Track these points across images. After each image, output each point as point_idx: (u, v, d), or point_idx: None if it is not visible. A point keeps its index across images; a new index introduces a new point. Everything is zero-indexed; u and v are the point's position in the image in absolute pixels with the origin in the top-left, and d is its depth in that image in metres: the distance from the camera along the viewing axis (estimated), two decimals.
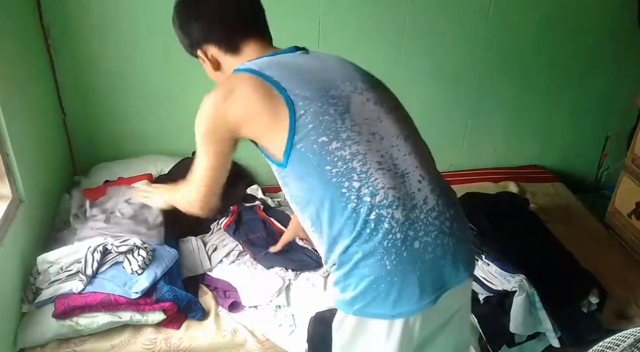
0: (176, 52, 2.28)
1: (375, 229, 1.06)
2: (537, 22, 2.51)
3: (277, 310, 1.81)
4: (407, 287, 1.08)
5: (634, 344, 0.89)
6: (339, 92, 1.11)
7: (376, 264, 1.07)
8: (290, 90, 1.09)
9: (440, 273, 1.11)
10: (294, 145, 1.07)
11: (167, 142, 2.49)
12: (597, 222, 2.41)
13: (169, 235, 2.02)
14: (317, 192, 1.09)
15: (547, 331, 1.75)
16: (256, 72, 1.11)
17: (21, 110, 1.87)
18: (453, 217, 1.14)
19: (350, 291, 1.11)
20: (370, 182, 1.06)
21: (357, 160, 1.07)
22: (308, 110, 1.07)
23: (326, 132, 1.07)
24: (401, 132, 1.13)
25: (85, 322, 1.66)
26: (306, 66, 1.15)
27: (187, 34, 1.26)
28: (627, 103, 2.72)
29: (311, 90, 1.09)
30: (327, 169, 1.07)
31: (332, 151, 1.07)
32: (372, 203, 1.06)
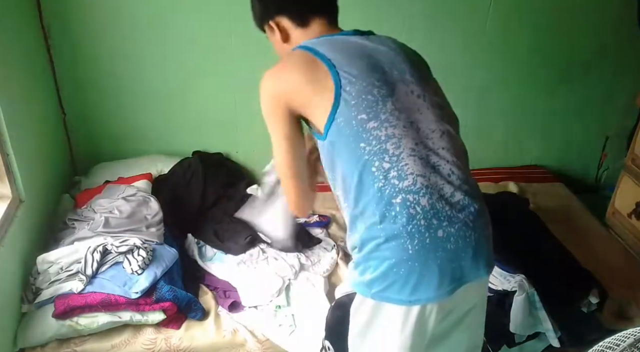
0: (176, 52, 2.30)
1: (399, 212, 1.08)
2: (537, 22, 2.51)
3: (277, 310, 1.81)
4: (426, 273, 1.09)
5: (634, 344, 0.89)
6: (385, 77, 1.15)
7: (398, 248, 1.09)
8: (339, 66, 1.12)
9: (460, 265, 1.12)
10: (335, 118, 1.11)
11: (167, 142, 2.49)
12: (597, 222, 2.41)
13: (169, 232, 2.02)
14: (349, 166, 1.12)
15: (547, 331, 1.75)
16: (308, 48, 1.17)
17: (21, 111, 1.87)
18: (478, 213, 1.15)
19: (369, 273, 1.12)
20: (400, 166, 1.09)
21: (392, 142, 1.10)
22: (353, 87, 1.11)
23: (366, 110, 1.10)
24: (438, 128, 1.16)
25: (85, 322, 1.66)
26: (360, 48, 1.19)
27: (264, 4, 1.29)
28: (627, 103, 2.72)
29: (359, 69, 1.13)
30: (361, 146, 1.10)
31: (369, 130, 1.10)
32: (400, 187, 1.08)
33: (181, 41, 2.28)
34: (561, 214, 2.38)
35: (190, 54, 2.31)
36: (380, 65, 1.17)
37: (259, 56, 2.33)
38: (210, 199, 2.31)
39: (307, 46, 1.18)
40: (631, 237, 2.33)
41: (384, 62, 1.18)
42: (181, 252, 1.97)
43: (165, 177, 2.36)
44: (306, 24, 1.25)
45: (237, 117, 2.49)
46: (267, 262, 1.99)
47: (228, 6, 2.22)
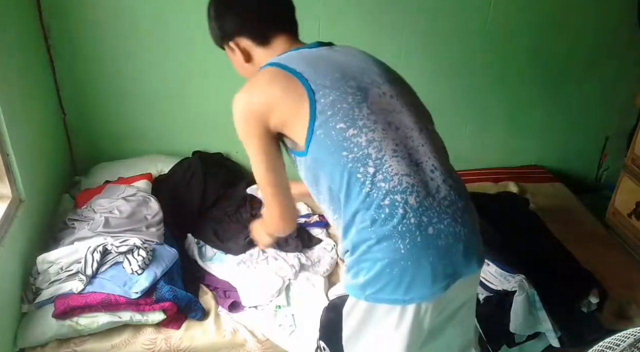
0: (176, 52, 2.30)
1: (389, 214, 1.08)
2: (537, 22, 2.51)
3: (277, 310, 1.81)
4: (420, 272, 1.10)
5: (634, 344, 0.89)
6: (357, 83, 1.15)
7: (390, 248, 1.09)
8: (311, 80, 1.13)
9: (452, 261, 1.13)
10: (314, 131, 1.11)
11: (167, 142, 2.49)
12: (597, 222, 2.41)
13: (169, 232, 2.02)
14: (333, 177, 1.13)
15: (547, 331, 1.75)
16: (278, 65, 1.17)
17: (21, 110, 1.87)
18: (465, 208, 1.16)
19: (362, 275, 1.13)
20: (385, 168, 1.09)
21: (373, 146, 1.10)
22: (327, 98, 1.11)
23: (344, 119, 1.11)
24: (415, 125, 1.17)
25: (85, 322, 1.66)
26: (327, 58, 1.20)
27: (222, 26, 1.29)
28: (627, 103, 2.72)
29: (330, 80, 1.14)
30: (344, 155, 1.10)
31: (349, 137, 1.10)
32: (387, 188, 1.09)
33: (181, 41, 2.28)
34: (561, 214, 2.38)
35: (191, 54, 2.31)
36: (350, 73, 1.17)
37: None
38: (210, 199, 2.31)
39: (275, 63, 1.18)
40: (631, 237, 2.34)
41: (354, 69, 1.18)
42: (181, 252, 1.97)
43: (166, 177, 2.36)
44: (267, 42, 1.26)
45: None
46: (267, 262, 1.99)
47: None
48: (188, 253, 2.06)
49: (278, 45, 1.25)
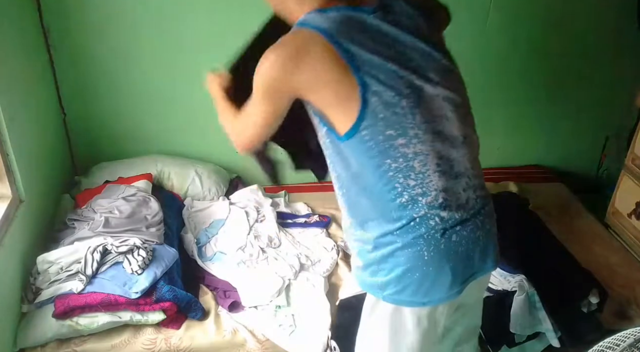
0: (176, 52, 2.30)
1: (419, 223, 1.08)
2: (536, 22, 2.51)
3: (277, 310, 1.81)
4: (440, 277, 1.11)
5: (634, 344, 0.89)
6: (412, 81, 1.05)
7: (414, 254, 1.09)
8: (365, 70, 1.02)
9: (469, 264, 1.15)
10: (359, 130, 1.04)
11: (167, 142, 2.49)
12: (597, 222, 2.41)
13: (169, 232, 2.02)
14: (366, 178, 1.08)
15: (547, 331, 1.75)
16: (329, 35, 1.02)
17: (21, 110, 1.87)
18: (487, 213, 1.18)
19: (382, 276, 1.13)
20: (425, 183, 1.07)
21: (419, 160, 1.06)
22: (381, 99, 1.02)
23: (394, 126, 1.04)
24: (461, 133, 1.13)
25: (85, 322, 1.66)
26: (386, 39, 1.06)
27: None
28: (627, 103, 2.72)
29: (386, 73, 1.03)
30: (387, 162, 1.06)
31: (397, 146, 1.05)
32: (423, 202, 1.08)
33: (181, 41, 2.28)
34: (561, 214, 2.38)
35: (191, 53, 2.31)
36: (408, 63, 1.06)
37: None
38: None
39: (326, 30, 1.02)
40: (631, 237, 2.33)
41: (410, 57, 1.07)
42: (181, 252, 1.97)
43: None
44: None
45: None
46: (267, 262, 1.99)
47: (228, 6, 2.22)
48: (188, 253, 2.06)
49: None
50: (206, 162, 2.50)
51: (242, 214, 2.22)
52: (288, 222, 2.27)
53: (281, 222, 2.24)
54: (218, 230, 2.16)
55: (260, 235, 2.12)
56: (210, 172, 2.44)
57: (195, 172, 2.39)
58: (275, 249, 2.07)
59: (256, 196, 2.39)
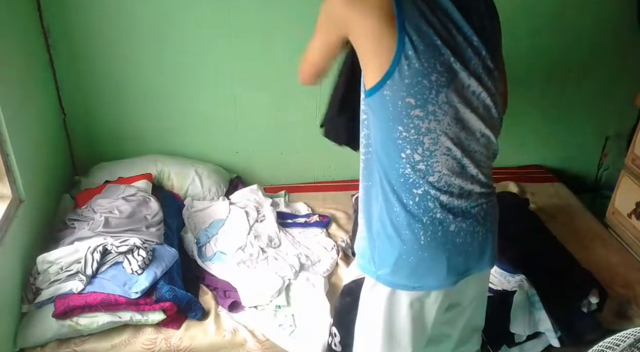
0: (176, 52, 2.30)
1: (418, 203, 1.10)
2: (536, 22, 2.51)
3: (277, 310, 1.81)
4: (434, 264, 1.13)
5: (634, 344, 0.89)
6: (450, 62, 1.04)
7: (411, 237, 1.11)
8: (409, 31, 1.00)
9: (466, 258, 1.16)
10: (382, 89, 1.03)
11: (167, 142, 2.49)
12: (597, 222, 2.41)
13: (169, 232, 2.02)
14: (377, 140, 1.10)
15: (547, 331, 1.75)
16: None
17: (21, 111, 1.87)
18: (489, 209, 1.19)
19: (378, 254, 1.16)
20: (430, 163, 1.08)
21: (429, 137, 1.06)
22: (412, 64, 1.01)
23: (417, 95, 1.03)
24: (480, 130, 1.12)
25: (85, 322, 1.66)
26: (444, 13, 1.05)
27: None
28: (627, 103, 2.72)
29: (426, 44, 1.01)
30: (399, 129, 1.06)
31: (412, 116, 1.04)
32: (425, 180, 1.09)
33: (181, 41, 2.28)
34: (561, 214, 2.38)
35: (191, 54, 2.31)
36: (451, 44, 1.04)
37: (259, 56, 2.34)
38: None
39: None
40: (631, 237, 2.33)
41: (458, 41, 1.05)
42: (181, 252, 1.97)
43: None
44: None
45: (237, 117, 2.48)
46: (267, 262, 1.99)
47: (228, 6, 2.22)
48: (188, 253, 2.06)
49: None
50: (206, 162, 2.50)
51: (242, 214, 2.22)
52: (288, 222, 2.27)
53: (281, 222, 2.24)
54: (218, 230, 2.16)
55: (260, 235, 2.13)
56: (210, 172, 2.44)
57: (195, 172, 2.39)
58: (275, 249, 2.07)
59: (256, 196, 2.39)
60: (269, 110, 2.42)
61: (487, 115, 1.13)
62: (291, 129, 2.49)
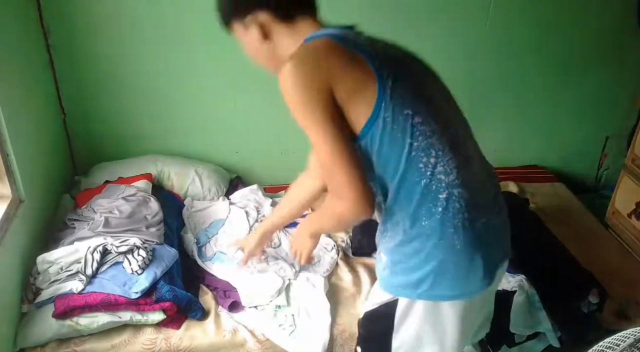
0: (176, 52, 2.30)
1: (446, 207, 1.08)
2: (536, 22, 2.51)
3: (277, 310, 1.81)
4: (472, 267, 1.12)
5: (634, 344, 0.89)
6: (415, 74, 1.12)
7: (446, 245, 1.10)
8: (376, 59, 1.04)
9: (493, 254, 1.17)
10: (379, 115, 1.03)
11: (167, 142, 2.49)
12: (597, 222, 2.41)
13: (169, 232, 2.02)
14: (390, 164, 1.07)
15: (547, 331, 1.75)
16: (336, 37, 1.05)
17: (21, 110, 1.87)
18: (500, 203, 1.22)
19: (415, 272, 1.13)
20: (446, 161, 1.08)
21: (436, 137, 1.07)
22: (396, 82, 1.04)
23: (411, 106, 1.05)
24: (461, 125, 1.18)
25: (85, 322, 1.66)
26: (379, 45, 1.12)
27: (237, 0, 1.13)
28: (627, 103, 2.72)
29: (393, 63, 1.06)
30: (408, 142, 1.06)
31: (415, 124, 1.06)
32: (446, 182, 1.08)
33: (181, 41, 2.28)
34: (561, 214, 2.39)
35: (191, 54, 2.31)
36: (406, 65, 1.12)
37: None
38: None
39: (332, 34, 1.05)
40: (631, 237, 2.33)
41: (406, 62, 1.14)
42: (181, 252, 1.97)
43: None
44: (291, 20, 1.11)
45: (237, 117, 2.49)
46: (267, 262, 1.99)
47: None
48: (187, 253, 2.06)
49: (303, 26, 1.11)
50: (206, 162, 2.50)
51: (242, 213, 2.22)
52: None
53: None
54: (218, 230, 2.15)
55: None
56: (210, 172, 2.44)
57: (195, 172, 2.40)
58: (276, 249, 2.06)
59: (256, 196, 2.39)
60: (269, 110, 2.42)
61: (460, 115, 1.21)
62: (291, 129, 2.48)
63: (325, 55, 1.02)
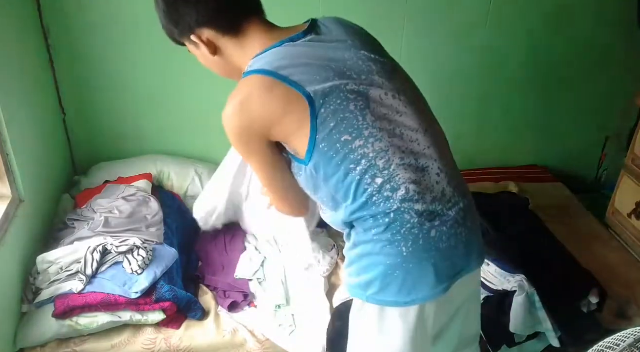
0: (176, 52, 2.29)
1: (394, 219, 1.08)
2: (536, 22, 2.51)
3: (277, 310, 1.82)
4: (422, 274, 1.10)
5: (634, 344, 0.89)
6: (356, 87, 1.08)
7: (392, 251, 1.09)
8: (308, 88, 1.05)
9: (453, 262, 1.14)
10: (316, 144, 1.06)
11: (167, 142, 2.49)
12: (597, 222, 2.41)
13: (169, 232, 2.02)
14: (338, 188, 1.10)
15: (547, 331, 1.75)
16: (268, 73, 1.06)
17: (21, 111, 1.87)
18: (467, 208, 1.16)
19: (364, 275, 1.13)
20: (393, 178, 1.08)
21: (380, 157, 1.07)
22: (329, 109, 1.05)
23: (348, 130, 1.06)
24: (420, 126, 1.13)
25: (85, 322, 1.66)
26: (319, 57, 1.10)
27: (177, 20, 1.16)
28: (627, 103, 2.72)
29: (329, 86, 1.06)
30: (351, 168, 1.07)
31: (355, 149, 1.06)
32: (394, 198, 1.08)
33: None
34: (561, 214, 2.38)
35: (191, 54, 2.30)
36: (347, 73, 1.09)
37: None
38: None
39: (264, 70, 1.07)
40: (631, 237, 2.33)
41: (349, 67, 1.10)
42: (181, 252, 1.97)
43: None
44: (237, 30, 1.12)
45: None
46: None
47: None
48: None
49: (251, 34, 1.12)
50: (206, 162, 2.50)
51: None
52: None
53: None
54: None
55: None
56: (210, 172, 2.42)
57: (195, 172, 2.39)
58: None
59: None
60: None
61: (415, 107, 1.14)
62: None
63: (259, 100, 1.06)
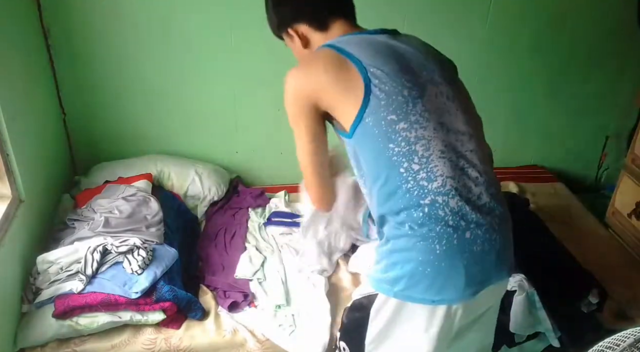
0: (176, 51, 2.30)
1: (428, 213, 1.09)
2: (536, 22, 2.51)
3: (277, 310, 1.82)
4: (453, 274, 1.10)
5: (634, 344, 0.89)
6: (415, 78, 1.14)
7: (426, 248, 1.09)
8: (368, 65, 1.11)
9: (484, 267, 1.13)
10: (363, 118, 1.10)
11: (167, 142, 2.49)
12: (597, 222, 2.41)
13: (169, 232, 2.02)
14: (375, 166, 1.13)
15: (547, 331, 1.75)
16: (334, 47, 1.15)
17: (21, 111, 1.87)
18: (502, 216, 1.17)
19: (394, 270, 1.13)
20: (430, 168, 1.09)
21: (421, 144, 1.09)
22: (383, 87, 1.10)
23: (396, 111, 1.10)
24: (467, 130, 1.16)
25: (85, 322, 1.66)
26: (388, 46, 1.17)
27: (279, 13, 1.29)
28: (627, 103, 2.72)
29: (388, 69, 1.12)
30: (390, 147, 1.10)
31: (398, 131, 1.09)
32: (429, 188, 1.09)
33: (181, 41, 2.28)
34: (561, 214, 2.38)
35: (191, 54, 2.31)
36: (410, 66, 1.15)
37: (259, 56, 2.34)
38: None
39: (332, 45, 1.16)
40: (631, 237, 2.33)
41: (414, 63, 1.16)
42: (181, 252, 1.97)
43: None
44: (326, 27, 1.25)
45: (237, 117, 2.49)
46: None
47: (228, 6, 2.23)
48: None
49: (336, 30, 1.24)
50: (206, 162, 2.51)
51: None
52: (288, 222, 2.27)
53: (280, 221, 2.24)
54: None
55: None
56: (210, 172, 2.44)
57: (195, 172, 2.40)
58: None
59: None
60: (269, 110, 2.42)
61: (467, 115, 1.18)
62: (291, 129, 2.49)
63: (318, 68, 1.14)
